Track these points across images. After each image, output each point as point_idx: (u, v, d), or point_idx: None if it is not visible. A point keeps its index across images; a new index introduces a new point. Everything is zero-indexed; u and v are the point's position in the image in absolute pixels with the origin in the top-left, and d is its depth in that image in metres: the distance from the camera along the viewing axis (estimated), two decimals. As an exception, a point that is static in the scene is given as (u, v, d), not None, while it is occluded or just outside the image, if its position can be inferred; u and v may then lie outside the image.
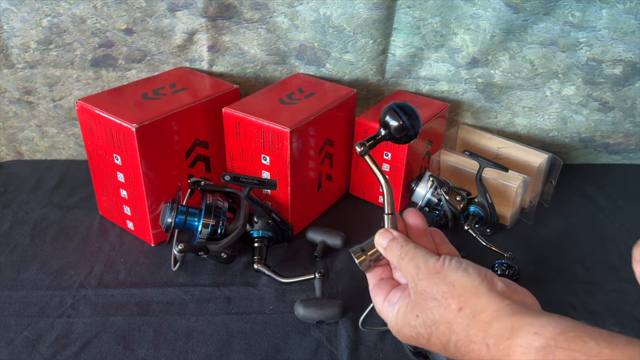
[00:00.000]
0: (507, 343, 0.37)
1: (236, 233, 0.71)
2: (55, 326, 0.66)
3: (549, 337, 0.35)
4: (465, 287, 0.41)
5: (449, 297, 0.41)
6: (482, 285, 0.41)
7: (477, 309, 0.40)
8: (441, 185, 0.81)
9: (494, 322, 0.39)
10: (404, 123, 0.52)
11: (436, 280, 0.43)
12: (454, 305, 0.41)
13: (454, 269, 0.43)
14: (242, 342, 0.65)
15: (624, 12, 0.85)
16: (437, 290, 0.42)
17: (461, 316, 0.40)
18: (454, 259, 0.44)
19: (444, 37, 0.90)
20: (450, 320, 0.41)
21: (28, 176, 0.96)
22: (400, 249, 0.47)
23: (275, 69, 0.94)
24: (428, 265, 0.44)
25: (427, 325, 0.42)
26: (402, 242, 0.48)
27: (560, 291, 0.74)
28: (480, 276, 0.42)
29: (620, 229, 0.88)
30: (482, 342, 0.38)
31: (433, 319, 0.42)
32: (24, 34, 0.86)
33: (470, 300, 0.41)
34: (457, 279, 0.42)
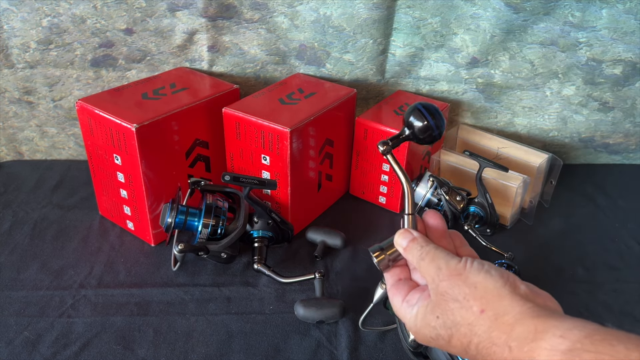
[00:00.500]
0: (531, 346, 0.36)
1: (236, 233, 0.71)
2: (55, 326, 0.66)
3: (575, 340, 0.35)
4: (488, 289, 0.41)
5: (470, 299, 0.41)
6: (505, 287, 0.41)
7: (500, 312, 0.39)
8: (441, 185, 0.81)
9: (517, 324, 0.38)
10: (429, 123, 0.50)
11: (458, 281, 0.42)
12: (475, 307, 0.40)
13: (476, 270, 0.42)
14: (242, 342, 0.65)
15: (624, 12, 0.85)
16: (459, 292, 0.42)
17: (483, 318, 0.40)
18: (475, 261, 0.43)
19: (444, 37, 0.90)
20: (471, 322, 0.40)
21: (28, 176, 0.96)
22: (421, 249, 0.46)
23: (275, 69, 0.94)
24: (449, 267, 0.43)
25: (447, 327, 0.42)
26: (423, 242, 0.47)
27: (560, 291, 0.73)
28: (503, 278, 0.41)
29: (620, 229, 0.88)
30: (504, 344, 0.38)
31: (454, 321, 0.41)
32: (24, 34, 0.86)
33: (493, 302, 0.40)
34: (480, 280, 0.42)
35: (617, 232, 0.87)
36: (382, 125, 0.84)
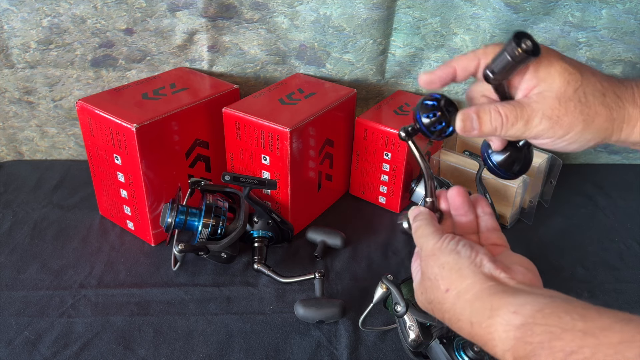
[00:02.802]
0: (488, 322, 0.39)
1: (236, 233, 0.71)
2: (55, 326, 0.66)
3: (527, 315, 0.37)
4: (453, 270, 0.44)
5: (439, 279, 0.45)
6: (469, 268, 0.43)
7: (461, 290, 0.43)
8: (441, 185, 0.81)
9: (476, 302, 0.41)
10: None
11: (430, 262, 0.46)
12: (442, 286, 0.44)
13: (448, 251, 0.45)
14: (242, 342, 0.65)
15: (623, 12, 0.85)
16: (431, 272, 0.46)
17: (448, 296, 0.43)
18: (453, 240, 0.46)
19: (444, 37, 0.90)
20: (440, 300, 0.44)
21: (28, 176, 0.96)
22: (416, 225, 0.50)
23: (275, 69, 0.94)
24: (427, 247, 0.47)
25: (428, 302, 0.46)
26: (420, 218, 0.50)
27: (560, 291, 0.74)
28: (470, 259, 0.44)
29: (620, 229, 0.88)
30: (467, 320, 0.41)
31: (429, 298, 0.46)
32: (24, 34, 0.86)
33: (456, 281, 0.43)
34: (448, 261, 0.45)
35: (617, 232, 0.87)
36: (382, 125, 0.84)
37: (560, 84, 0.44)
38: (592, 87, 0.45)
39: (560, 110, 0.44)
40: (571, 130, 0.45)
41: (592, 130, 0.45)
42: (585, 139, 0.46)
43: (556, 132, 0.45)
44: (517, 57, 0.42)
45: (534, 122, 0.45)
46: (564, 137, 0.45)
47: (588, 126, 0.45)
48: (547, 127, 0.45)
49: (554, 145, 0.47)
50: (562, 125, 0.45)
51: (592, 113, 0.44)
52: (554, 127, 0.45)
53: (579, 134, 0.45)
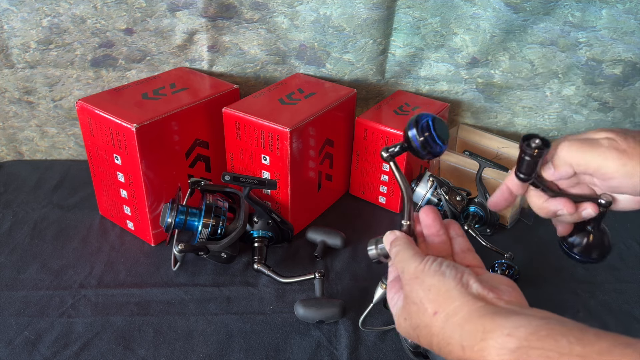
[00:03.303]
0: (480, 345, 0.38)
1: (236, 233, 0.71)
2: (55, 326, 0.66)
3: (522, 338, 0.36)
4: (440, 292, 0.43)
5: (425, 302, 0.43)
6: (456, 289, 0.42)
7: (450, 312, 0.41)
8: (441, 185, 0.81)
9: (466, 324, 0.40)
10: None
11: (415, 285, 0.45)
12: (430, 309, 0.43)
13: (432, 272, 0.44)
14: (242, 342, 0.65)
15: (623, 12, 0.85)
16: (416, 296, 0.44)
17: (436, 319, 0.42)
18: (435, 262, 0.45)
19: (444, 37, 0.90)
20: (428, 324, 0.43)
21: (28, 176, 0.96)
22: (397, 252, 0.49)
23: (275, 69, 0.94)
24: (409, 270, 0.46)
25: (413, 327, 0.45)
26: (398, 243, 0.50)
27: (560, 291, 0.74)
28: (456, 280, 0.43)
29: (620, 229, 0.87)
30: (457, 343, 0.40)
31: (415, 323, 0.44)
32: (24, 34, 0.86)
33: (444, 304, 0.42)
34: (434, 283, 0.44)
35: (617, 232, 0.87)
36: (382, 125, 0.84)
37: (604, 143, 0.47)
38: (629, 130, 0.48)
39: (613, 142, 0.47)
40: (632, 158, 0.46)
41: None
42: None
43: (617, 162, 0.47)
44: (534, 155, 0.48)
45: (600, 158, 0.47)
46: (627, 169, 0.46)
47: None
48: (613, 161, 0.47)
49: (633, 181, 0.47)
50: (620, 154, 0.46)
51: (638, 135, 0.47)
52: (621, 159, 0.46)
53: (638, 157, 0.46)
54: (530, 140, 0.49)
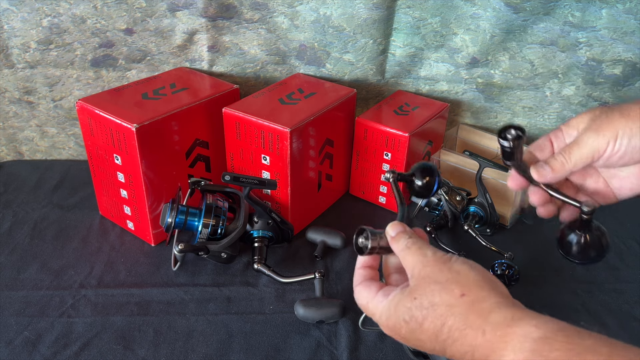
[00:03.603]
0: (505, 330, 0.38)
1: (236, 233, 0.71)
2: (55, 326, 0.66)
3: (548, 330, 0.36)
4: (470, 278, 0.43)
5: (452, 283, 0.42)
6: (485, 281, 0.42)
7: (479, 298, 0.41)
8: (441, 186, 0.81)
9: (494, 311, 0.40)
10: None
11: (442, 267, 0.44)
12: (457, 290, 0.42)
13: (461, 262, 0.44)
14: (242, 342, 0.65)
15: (623, 12, 0.85)
16: (442, 276, 0.43)
17: (462, 301, 0.41)
18: (461, 257, 0.46)
19: (444, 37, 0.90)
20: (451, 304, 0.41)
21: (28, 176, 0.96)
22: (408, 239, 0.48)
23: (275, 69, 0.94)
24: (436, 256, 0.45)
25: (424, 307, 0.42)
26: (411, 234, 0.49)
27: (560, 291, 0.74)
28: (486, 275, 0.43)
29: (620, 229, 0.87)
30: (479, 327, 0.39)
31: (432, 301, 0.42)
32: (24, 34, 0.86)
33: (473, 289, 0.42)
34: (464, 269, 0.43)
35: (616, 232, 0.87)
36: (382, 125, 0.84)
37: (587, 115, 0.52)
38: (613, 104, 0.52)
39: (596, 123, 0.51)
40: (617, 127, 0.49)
41: (636, 120, 0.49)
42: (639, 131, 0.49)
43: (607, 136, 0.50)
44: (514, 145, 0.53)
45: (583, 140, 0.51)
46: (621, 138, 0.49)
47: (629, 118, 0.49)
48: (595, 137, 0.50)
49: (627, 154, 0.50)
50: (606, 129, 0.50)
51: (625, 109, 0.50)
52: (601, 133, 0.50)
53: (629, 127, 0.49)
54: (506, 132, 0.53)
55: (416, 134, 0.84)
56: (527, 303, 0.43)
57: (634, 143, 0.49)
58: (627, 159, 0.51)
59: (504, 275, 0.73)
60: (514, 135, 0.53)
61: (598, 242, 0.56)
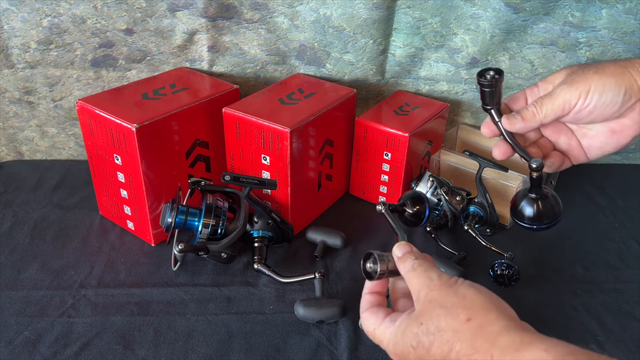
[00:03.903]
0: (514, 355, 0.37)
1: (236, 233, 0.71)
2: (55, 326, 0.66)
3: (558, 355, 0.36)
4: (476, 302, 0.42)
5: (458, 308, 0.42)
6: (493, 304, 0.42)
7: (486, 322, 0.40)
8: (441, 185, 0.81)
9: (502, 335, 0.39)
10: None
11: (448, 291, 0.44)
12: (462, 315, 0.41)
13: (467, 285, 0.44)
14: (242, 342, 0.65)
15: (623, 12, 0.85)
16: (447, 300, 0.43)
17: (469, 326, 0.40)
18: (467, 280, 0.45)
19: (444, 37, 0.90)
20: (457, 329, 0.41)
21: (28, 176, 0.96)
22: (415, 260, 0.48)
23: (275, 69, 0.94)
24: (442, 279, 0.45)
25: (430, 333, 0.42)
26: (417, 255, 0.49)
27: (560, 291, 0.74)
28: (492, 298, 0.43)
29: (620, 229, 0.88)
30: (487, 352, 0.39)
31: (438, 326, 0.42)
32: (24, 34, 0.86)
33: (480, 313, 0.41)
34: (470, 293, 0.43)
35: (616, 232, 0.87)
36: (382, 125, 0.84)
37: (563, 69, 0.54)
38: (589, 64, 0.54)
39: (571, 76, 0.52)
40: (590, 82, 0.51)
41: (609, 76, 0.51)
42: (612, 87, 0.51)
43: (579, 89, 0.51)
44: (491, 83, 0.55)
45: (556, 92, 0.52)
46: (592, 92, 0.51)
47: (602, 74, 0.51)
48: (567, 89, 0.51)
49: (595, 108, 0.52)
50: (579, 82, 0.51)
51: (599, 66, 0.52)
52: (573, 86, 0.51)
53: (602, 83, 0.50)
54: (486, 72, 0.55)
55: (416, 134, 0.84)
56: (527, 303, 0.43)
57: (604, 99, 0.51)
58: (596, 115, 0.52)
59: (504, 275, 0.73)
60: (492, 75, 0.55)
61: (549, 207, 0.57)
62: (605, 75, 0.51)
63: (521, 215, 0.59)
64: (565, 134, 0.58)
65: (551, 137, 0.58)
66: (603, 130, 0.54)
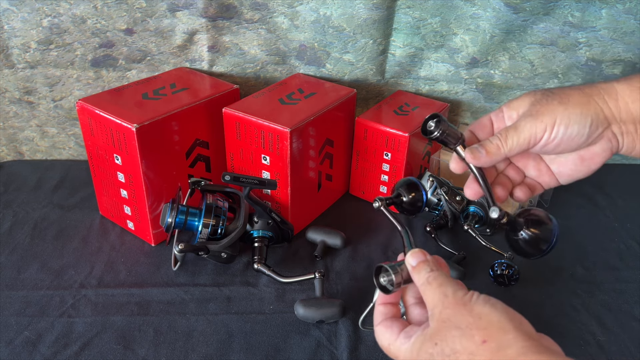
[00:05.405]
0: None
1: (236, 233, 0.71)
2: (55, 326, 0.66)
3: None
4: (492, 322, 0.41)
5: (473, 329, 0.40)
6: (510, 322, 0.40)
7: (503, 344, 0.39)
8: (441, 185, 0.81)
9: (519, 358, 0.38)
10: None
11: (462, 310, 0.42)
12: (477, 337, 0.40)
13: (482, 302, 0.42)
14: (242, 341, 0.65)
15: (623, 12, 0.85)
16: (462, 320, 0.41)
17: (485, 349, 0.39)
18: (483, 295, 0.44)
19: (444, 37, 0.90)
20: (472, 352, 0.40)
21: (28, 176, 0.96)
22: (429, 272, 0.46)
23: (275, 69, 0.94)
24: (456, 296, 0.43)
25: (445, 355, 0.41)
26: (433, 266, 0.47)
27: (560, 291, 0.74)
28: (509, 314, 0.41)
29: (620, 229, 0.88)
30: None
31: (453, 348, 0.41)
32: (25, 34, 0.86)
33: (496, 334, 0.40)
34: (485, 312, 0.41)
35: (616, 232, 0.87)
36: (382, 125, 0.84)
37: (528, 98, 0.52)
38: (554, 88, 0.52)
39: (536, 107, 0.50)
40: (556, 114, 0.49)
41: (575, 107, 0.49)
42: (578, 119, 0.49)
43: (545, 122, 0.49)
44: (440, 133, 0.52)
45: (521, 126, 0.50)
46: (558, 125, 0.49)
47: (567, 105, 0.49)
48: (532, 122, 0.49)
49: (564, 142, 0.50)
50: (544, 114, 0.49)
51: (564, 95, 0.50)
52: (538, 118, 0.49)
53: (567, 115, 0.49)
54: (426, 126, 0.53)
55: (416, 134, 0.84)
56: (527, 303, 0.43)
57: (570, 132, 0.49)
58: (563, 147, 0.51)
59: (503, 275, 0.73)
60: (434, 125, 0.52)
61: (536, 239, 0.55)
62: (571, 105, 0.49)
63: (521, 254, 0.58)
64: (534, 159, 0.56)
65: (519, 164, 0.56)
66: (572, 157, 0.53)
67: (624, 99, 0.49)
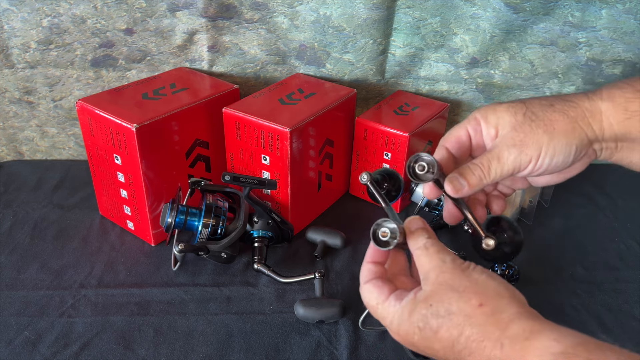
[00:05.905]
0: (523, 344, 0.37)
1: (236, 233, 0.71)
2: (55, 326, 0.66)
3: (568, 345, 0.35)
4: (489, 287, 0.42)
5: (470, 292, 0.41)
6: (506, 290, 0.41)
7: (498, 309, 0.40)
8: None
9: (513, 323, 0.39)
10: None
11: (461, 275, 0.43)
12: (474, 300, 0.41)
13: (480, 271, 0.43)
14: (242, 341, 0.65)
15: (623, 12, 0.85)
16: (459, 284, 0.42)
17: (480, 312, 0.40)
18: (479, 265, 0.44)
19: (444, 37, 0.90)
20: (468, 314, 0.40)
21: (28, 176, 0.96)
22: (428, 239, 0.46)
23: (275, 69, 0.94)
24: (455, 262, 0.44)
25: (440, 316, 0.41)
26: (431, 234, 0.47)
27: (560, 291, 0.74)
28: (505, 284, 0.42)
29: (620, 229, 0.88)
30: (497, 340, 0.38)
31: (449, 309, 0.41)
32: (25, 34, 0.86)
33: (492, 299, 0.41)
34: (482, 279, 0.42)
35: (616, 232, 0.87)
36: (382, 125, 0.84)
37: (509, 117, 0.49)
38: (537, 104, 0.49)
39: (519, 135, 0.48)
40: (541, 145, 0.48)
41: (560, 136, 0.48)
42: (564, 149, 0.48)
43: (530, 154, 0.48)
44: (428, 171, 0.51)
45: (505, 156, 0.48)
46: (543, 157, 0.48)
47: (553, 134, 0.48)
48: (517, 154, 0.48)
49: (548, 171, 0.49)
50: (529, 145, 0.48)
51: (548, 122, 0.48)
52: (523, 151, 0.48)
53: (552, 146, 0.48)
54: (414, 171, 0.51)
55: (416, 134, 0.84)
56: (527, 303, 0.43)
57: (556, 161, 0.48)
58: (548, 173, 0.51)
59: (504, 275, 0.73)
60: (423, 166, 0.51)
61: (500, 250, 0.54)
62: (556, 135, 0.48)
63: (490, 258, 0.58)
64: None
65: None
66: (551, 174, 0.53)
67: (608, 120, 0.48)
